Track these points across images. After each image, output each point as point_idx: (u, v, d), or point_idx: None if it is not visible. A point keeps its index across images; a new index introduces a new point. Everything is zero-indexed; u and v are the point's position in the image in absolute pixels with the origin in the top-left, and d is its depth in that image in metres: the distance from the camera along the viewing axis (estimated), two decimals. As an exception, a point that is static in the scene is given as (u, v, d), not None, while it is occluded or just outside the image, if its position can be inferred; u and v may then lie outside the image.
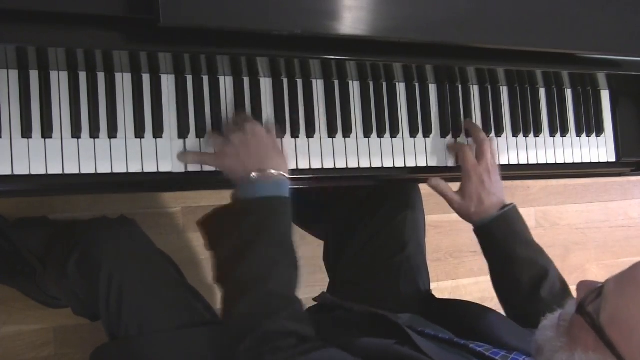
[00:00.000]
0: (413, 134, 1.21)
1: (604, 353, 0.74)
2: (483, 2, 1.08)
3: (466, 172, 1.18)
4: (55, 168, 0.98)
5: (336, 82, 1.16)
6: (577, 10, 1.14)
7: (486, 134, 1.26)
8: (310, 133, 1.14)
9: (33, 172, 0.97)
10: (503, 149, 1.28)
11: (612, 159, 1.38)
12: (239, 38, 0.98)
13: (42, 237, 1.33)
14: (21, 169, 0.96)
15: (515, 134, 1.30)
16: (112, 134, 1.01)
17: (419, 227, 1.31)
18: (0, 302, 1.54)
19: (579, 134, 1.36)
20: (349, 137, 1.17)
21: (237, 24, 0.95)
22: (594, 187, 2.36)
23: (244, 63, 1.07)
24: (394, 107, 1.20)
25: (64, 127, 0.99)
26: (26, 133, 0.96)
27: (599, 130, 1.37)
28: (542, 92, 1.33)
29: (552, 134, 1.33)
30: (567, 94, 1.35)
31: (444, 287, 1.23)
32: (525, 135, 1.30)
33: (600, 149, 1.37)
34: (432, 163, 1.22)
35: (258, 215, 0.96)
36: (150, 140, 1.04)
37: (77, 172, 0.99)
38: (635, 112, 1.40)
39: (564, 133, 1.34)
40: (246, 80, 1.10)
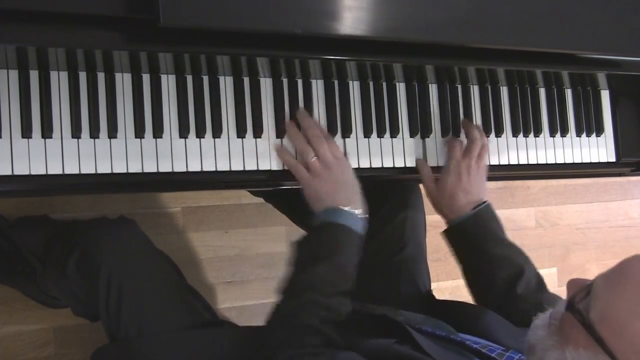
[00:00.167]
0: (413, 134, 1.21)
1: (595, 350, 0.74)
2: (483, 2, 1.08)
3: (447, 165, 1.19)
4: (55, 168, 0.98)
5: (336, 82, 1.16)
6: (577, 10, 1.14)
7: (486, 134, 1.26)
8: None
9: (33, 172, 0.97)
10: (503, 149, 1.28)
11: (612, 159, 1.38)
12: (239, 38, 0.98)
13: (42, 237, 1.34)
14: (21, 169, 0.96)
15: (515, 134, 1.30)
16: (112, 134, 1.01)
17: (419, 227, 1.31)
18: (0, 302, 1.54)
19: (579, 134, 1.36)
20: (349, 137, 1.16)
21: (237, 24, 0.95)
22: (594, 187, 2.36)
23: (244, 63, 1.07)
24: (394, 107, 1.20)
25: (64, 127, 0.99)
26: (26, 133, 0.96)
27: (599, 130, 1.37)
28: (542, 92, 1.33)
29: (552, 134, 1.33)
30: (567, 94, 1.35)
31: (444, 287, 1.23)
32: (525, 135, 1.30)
33: (600, 149, 1.37)
34: (432, 163, 1.22)
35: (330, 239, 1.02)
36: (150, 140, 1.04)
37: (77, 172, 0.99)
38: (635, 112, 1.40)
39: (564, 133, 1.34)
40: (246, 80, 1.10)
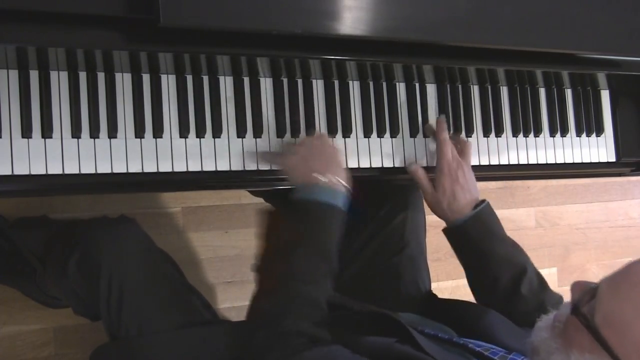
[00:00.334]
0: (413, 134, 1.21)
1: (600, 354, 0.74)
2: (483, 2, 1.08)
3: (440, 168, 1.17)
4: (55, 168, 0.98)
5: (336, 82, 1.16)
6: (577, 10, 1.14)
7: (486, 134, 1.26)
8: (310, 133, 1.13)
9: (33, 172, 0.97)
10: (503, 149, 1.28)
11: (612, 159, 1.38)
12: (239, 38, 0.98)
13: (42, 237, 1.34)
14: (21, 169, 0.96)
15: (515, 133, 1.30)
16: (112, 134, 1.01)
17: (419, 227, 1.31)
18: (0, 302, 1.54)
19: (579, 134, 1.35)
20: (349, 137, 1.16)
21: (237, 24, 0.95)
22: (594, 187, 2.36)
23: (244, 63, 1.07)
24: (394, 107, 1.20)
25: (64, 127, 0.99)
26: (26, 133, 0.96)
27: (599, 130, 1.37)
28: (542, 92, 1.33)
29: (552, 134, 1.33)
30: (567, 94, 1.35)
31: (444, 287, 1.23)
32: (525, 135, 1.30)
33: (600, 149, 1.37)
34: (433, 163, 1.21)
35: (308, 219, 0.99)
36: (150, 140, 1.04)
37: (77, 172, 0.99)
38: (635, 112, 1.40)
39: (564, 133, 1.34)
40: (246, 80, 1.10)
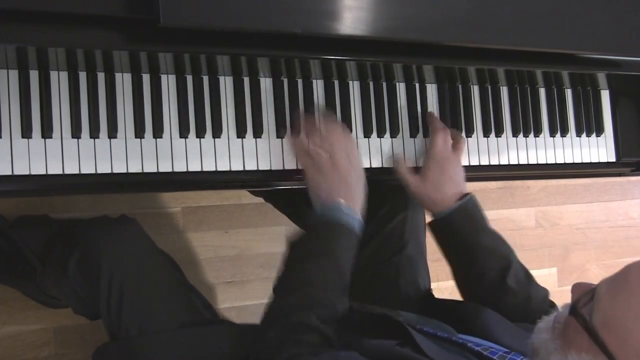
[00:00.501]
0: (413, 134, 1.21)
1: (597, 355, 0.74)
2: (483, 2, 1.08)
3: (430, 156, 1.17)
4: (55, 168, 0.98)
5: (336, 82, 1.16)
6: (577, 10, 1.14)
7: (486, 134, 1.26)
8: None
9: (33, 172, 0.97)
10: (503, 149, 1.28)
11: (612, 159, 1.38)
12: (239, 38, 0.98)
13: (42, 236, 1.34)
14: (21, 169, 0.96)
15: (515, 134, 1.30)
16: (112, 134, 1.01)
17: (419, 227, 1.31)
18: (0, 302, 1.54)
19: (579, 134, 1.36)
20: (349, 137, 1.16)
21: (237, 24, 0.95)
22: (594, 187, 2.36)
23: (244, 63, 1.07)
24: (394, 107, 1.20)
25: (64, 127, 0.99)
26: (26, 133, 0.96)
27: (599, 130, 1.37)
28: (542, 92, 1.33)
29: (552, 134, 1.33)
30: (567, 94, 1.35)
31: (444, 287, 1.23)
32: (525, 135, 1.30)
33: (600, 149, 1.37)
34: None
35: (333, 235, 1.00)
36: (150, 140, 1.04)
37: (77, 172, 0.99)
38: (635, 112, 1.40)
39: (564, 133, 1.34)
40: (246, 80, 1.10)
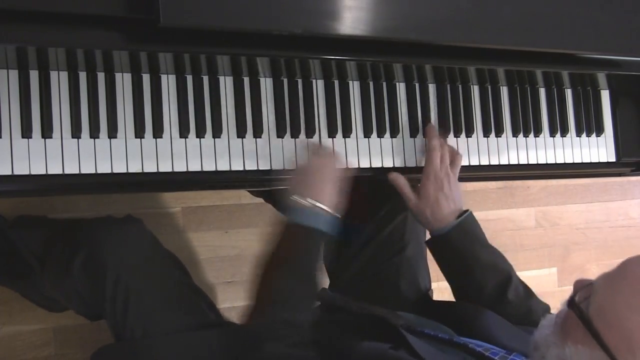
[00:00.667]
0: (413, 134, 1.21)
1: (592, 345, 0.75)
2: (483, 2, 1.08)
3: (426, 174, 1.16)
4: (55, 168, 0.98)
5: (336, 82, 1.16)
6: (577, 10, 1.14)
7: (486, 134, 1.26)
8: (310, 133, 1.14)
9: (33, 172, 0.97)
10: (503, 149, 1.28)
11: (612, 159, 1.38)
12: (239, 38, 0.98)
13: (41, 237, 1.33)
14: (21, 169, 0.96)
15: (515, 134, 1.30)
16: (112, 134, 1.01)
17: (419, 227, 1.30)
18: (0, 303, 1.54)
19: (579, 134, 1.36)
20: (349, 137, 1.16)
21: (237, 24, 0.95)
22: (594, 187, 2.36)
23: (244, 63, 1.07)
24: (394, 107, 1.20)
25: (64, 127, 0.99)
26: (26, 133, 0.96)
27: (599, 130, 1.37)
28: (542, 92, 1.33)
29: (552, 134, 1.33)
30: (567, 94, 1.35)
31: (444, 287, 1.23)
32: (525, 135, 1.30)
33: (600, 149, 1.37)
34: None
35: (300, 241, 1.01)
36: (150, 140, 1.04)
37: (77, 172, 0.99)
38: (635, 112, 1.40)
39: (564, 133, 1.34)
40: (246, 80, 1.10)
